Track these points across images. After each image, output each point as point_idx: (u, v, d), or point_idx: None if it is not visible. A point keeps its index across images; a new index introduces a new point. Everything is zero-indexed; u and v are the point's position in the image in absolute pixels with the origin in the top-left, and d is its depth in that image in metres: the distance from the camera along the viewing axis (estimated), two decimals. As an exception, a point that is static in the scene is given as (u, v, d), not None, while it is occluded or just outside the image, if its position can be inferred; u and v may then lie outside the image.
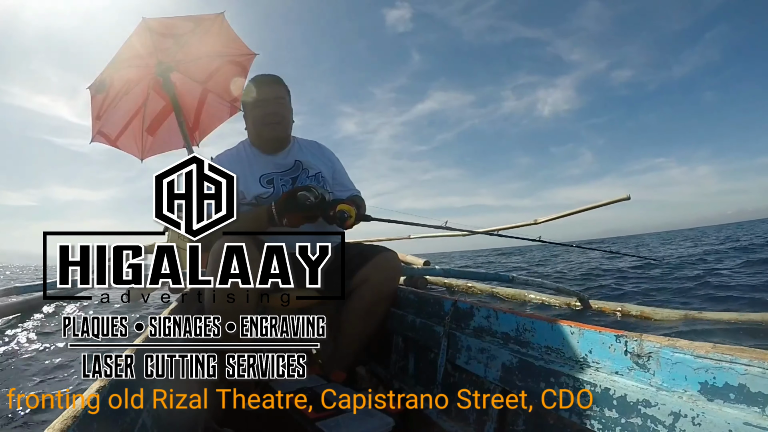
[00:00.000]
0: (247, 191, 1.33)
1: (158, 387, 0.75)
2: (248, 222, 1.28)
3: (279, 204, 1.24)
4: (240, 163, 1.38)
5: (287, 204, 1.23)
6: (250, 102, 1.40)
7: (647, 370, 0.61)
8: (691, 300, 3.27)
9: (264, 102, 1.38)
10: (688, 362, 0.56)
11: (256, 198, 1.33)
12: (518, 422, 0.84)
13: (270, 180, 1.37)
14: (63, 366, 2.05)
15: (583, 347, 0.72)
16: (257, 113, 1.38)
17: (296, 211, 1.23)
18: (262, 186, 1.36)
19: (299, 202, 1.22)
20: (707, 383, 0.53)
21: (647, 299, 3.35)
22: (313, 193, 1.23)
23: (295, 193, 1.24)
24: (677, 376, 0.57)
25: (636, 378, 0.62)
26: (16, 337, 2.74)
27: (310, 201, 1.22)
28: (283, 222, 1.23)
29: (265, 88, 1.39)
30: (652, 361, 0.60)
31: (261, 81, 1.41)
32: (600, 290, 3.91)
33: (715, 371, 0.53)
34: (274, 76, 1.43)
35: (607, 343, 0.67)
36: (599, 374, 0.67)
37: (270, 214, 1.24)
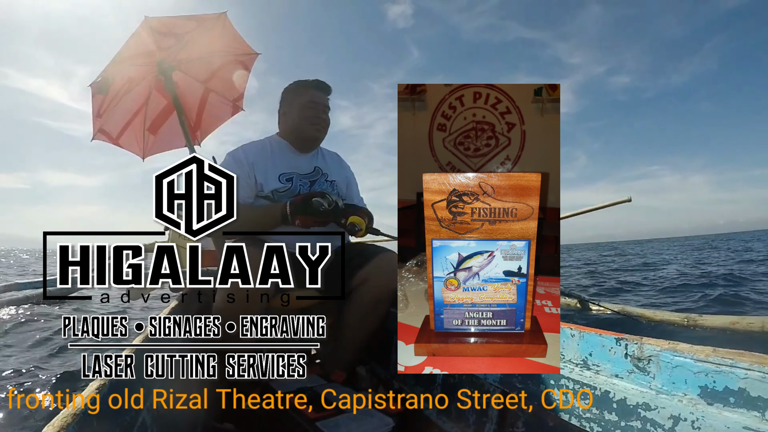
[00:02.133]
0: (266, 184, 1.38)
1: (158, 386, 0.76)
2: (261, 215, 1.33)
3: (293, 205, 1.28)
4: (264, 156, 1.43)
5: (301, 206, 1.27)
6: (304, 100, 1.44)
7: (647, 373, 0.61)
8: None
9: (317, 105, 1.45)
10: (688, 366, 0.56)
11: (273, 192, 1.38)
12: (518, 423, 0.84)
13: (289, 178, 1.42)
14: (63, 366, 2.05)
15: (583, 349, 0.72)
16: (308, 113, 1.43)
17: (309, 215, 1.27)
18: (280, 182, 1.40)
19: (313, 207, 1.27)
20: (707, 387, 0.53)
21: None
22: (327, 200, 1.28)
23: (310, 197, 1.28)
24: (677, 380, 0.57)
25: (636, 381, 0.62)
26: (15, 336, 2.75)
27: (324, 207, 1.27)
28: (295, 222, 1.28)
29: (321, 94, 1.47)
30: (652, 365, 0.60)
31: (317, 86, 1.48)
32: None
33: (715, 375, 0.53)
34: (328, 86, 1.49)
35: (607, 345, 0.67)
36: (599, 377, 0.67)
37: (284, 213, 1.28)
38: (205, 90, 3.63)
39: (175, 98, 3.32)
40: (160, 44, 3.06)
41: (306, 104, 1.44)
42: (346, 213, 1.32)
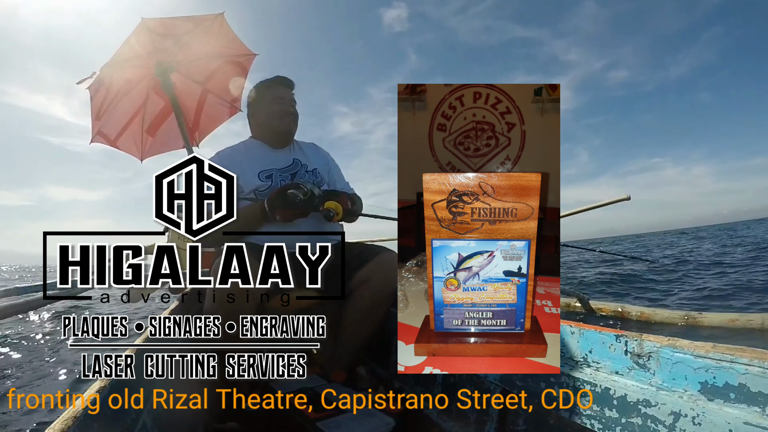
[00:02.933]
0: (245, 184, 1.37)
1: (158, 387, 0.75)
2: (243, 217, 1.31)
3: (270, 201, 1.28)
4: (239, 158, 1.43)
5: (278, 201, 1.27)
6: (268, 98, 1.48)
7: (647, 370, 0.61)
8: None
9: (283, 100, 1.48)
10: (688, 362, 0.56)
11: (254, 192, 1.37)
12: (518, 422, 0.84)
13: (269, 175, 1.41)
14: (63, 365, 2.05)
15: (583, 347, 0.72)
16: (275, 108, 1.46)
17: (287, 208, 1.27)
18: (260, 180, 1.39)
19: (289, 200, 1.26)
20: (707, 383, 0.53)
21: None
22: (302, 190, 1.27)
23: (285, 190, 1.28)
24: (677, 376, 0.57)
25: (636, 378, 0.62)
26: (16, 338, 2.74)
27: (299, 198, 1.26)
28: (276, 218, 1.28)
29: (284, 89, 1.50)
30: (652, 361, 0.60)
31: (281, 81, 1.51)
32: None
33: (715, 371, 0.53)
34: (291, 81, 1.52)
35: (607, 342, 0.68)
36: (599, 374, 0.67)
37: (263, 211, 1.28)
38: (203, 91, 3.62)
39: (173, 99, 3.32)
40: (157, 45, 3.05)
41: (272, 100, 1.47)
42: (323, 200, 1.31)
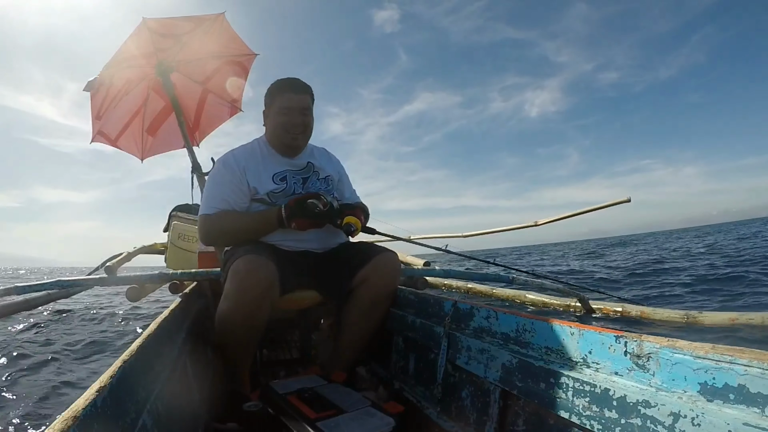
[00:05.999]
0: (260, 187, 1.34)
1: (158, 387, 0.75)
2: (258, 221, 1.31)
3: (288, 208, 1.26)
4: (254, 160, 1.38)
5: (296, 209, 1.26)
6: (276, 107, 1.35)
7: (647, 371, 0.61)
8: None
9: (290, 111, 1.34)
10: (687, 363, 0.56)
11: (268, 194, 1.35)
12: (518, 422, 0.84)
13: (283, 177, 1.38)
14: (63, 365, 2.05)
15: (582, 348, 0.72)
16: (282, 120, 1.34)
17: (305, 218, 1.26)
18: (274, 183, 1.36)
19: (308, 210, 1.26)
20: (707, 384, 0.53)
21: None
22: (322, 201, 1.27)
23: (305, 199, 1.27)
24: (677, 377, 0.57)
25: (636, 378, 0.62)
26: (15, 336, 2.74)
27: (319, 209, 1.26)
28: (291, 226, 1.27)
29: (293, 96, 1.34)
30: (651, 362, 0.60)
31: (290, 87, 1.36)
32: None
33: (714, 372, 0.53)
34: (304, 84, 1.38)
35: (606, 343, 0.68)
36: (599, 375, 0.67)
37: (279, 217, 1.27)
38: (203, 91, 3.63)
39: (174, 99, 3.32)
40: (158, 45, 3.05)
41: (279, 111, 1.34)
42: (342, 213, 1.31)
